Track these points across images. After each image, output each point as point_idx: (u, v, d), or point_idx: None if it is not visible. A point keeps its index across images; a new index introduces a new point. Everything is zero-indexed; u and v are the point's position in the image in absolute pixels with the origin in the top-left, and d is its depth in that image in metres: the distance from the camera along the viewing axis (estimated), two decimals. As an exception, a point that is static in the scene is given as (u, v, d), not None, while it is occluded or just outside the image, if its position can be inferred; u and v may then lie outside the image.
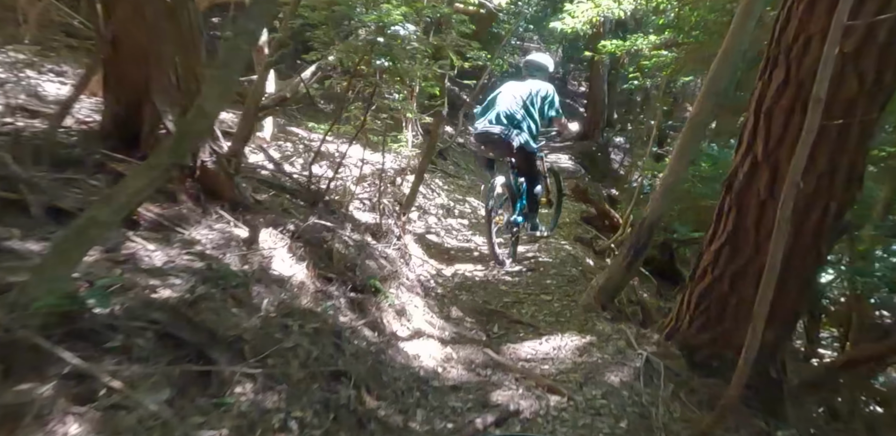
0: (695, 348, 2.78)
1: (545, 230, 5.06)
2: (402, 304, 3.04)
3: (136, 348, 1.48)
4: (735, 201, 2.70)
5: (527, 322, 3.41)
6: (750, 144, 2.62)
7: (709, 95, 3.53)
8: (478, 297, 3.82)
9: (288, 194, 3.37)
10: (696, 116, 3.58)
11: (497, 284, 4.11)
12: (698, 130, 3.63)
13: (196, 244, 2.15)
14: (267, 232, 2.57)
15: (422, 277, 3.79)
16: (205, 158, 2.50)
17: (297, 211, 3.11)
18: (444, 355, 2.78)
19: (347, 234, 3.30)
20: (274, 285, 2.28)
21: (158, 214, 2.12)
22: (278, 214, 2.85)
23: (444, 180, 7.35)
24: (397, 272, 3.37)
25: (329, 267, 2.79)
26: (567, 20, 4.93)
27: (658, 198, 3.72)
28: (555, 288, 4.05)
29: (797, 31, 2.33)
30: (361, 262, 3.06)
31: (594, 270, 4.98)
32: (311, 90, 3.87)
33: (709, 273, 2.79)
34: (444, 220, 5.79)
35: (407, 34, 2.94)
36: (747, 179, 2.64)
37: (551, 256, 4.93)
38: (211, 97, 1.45)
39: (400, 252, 3.69)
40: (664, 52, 4.86)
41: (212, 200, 2.52)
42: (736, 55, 3.45)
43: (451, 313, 3.38)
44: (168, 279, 1.84)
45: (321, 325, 2.21)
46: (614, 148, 13.84)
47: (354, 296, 2.72)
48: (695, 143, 3.67)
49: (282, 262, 2.49)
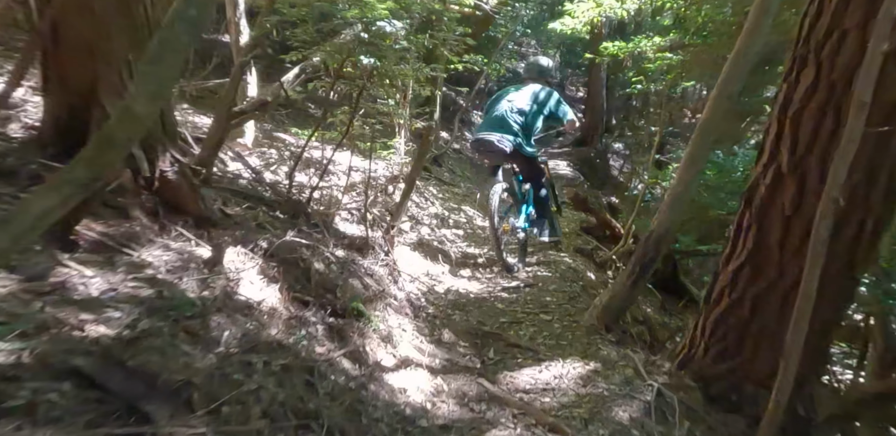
0: (711, 380, 2.51)
1: (555, 236, 4.91)
2: (389, 328, 2.76)
3: (44, 407, 1.20)
4: (756, 217, 2.44)
5: (525, 346, 3.13)
6: (773, 154, 2.36)
7: (721, 99, 3.28)
8: (472, 316, 3.54)
9: (265, 206, 3.10)
10: (706, 120, 3.33)
11: (493, 302, 3.83)
12: (709, 136, 3.37)
13: (146, 267, 1.87)
14: (235, 251, 2.30)
15: (412, 294, 3.51)
16: (165, 168, 2.23)
17: (273, 225, 2.84)
18: (434, 388, 2.49)
19: (330, 250, 3.03)
20: (238, 314, 2.00)
21: (103, 233, 1.85)
22: (251, 229, 2.57)
23: (438, 188, 7.08)
24: (384, 292, 3.09)
25: (306, 289, 2.51)
26: (566, 21, 4.68)
27: (666, 209, 3.46)
28: (555, 306, 3.78)
29: (830, 27, 2.07)
30: (344, 282, 2.78)
31: (596, 284, 4.72)
32: (294, 94, 3.60)
33: (726, 296, 2.52)
34: (438, 230, 5.52)
35: (394, 31, 2.69)
36: (770, 193, 2.38)
37: (551, 269, 4.66)
38: (141, 97, 1.18)
39: (388, 269, 3.42)
40: (668, 54, 4.61)
41: (172, 214, 2.25)
42: (750, 55, 3.20)
43: (442, 337, 3.10)
44: (104, 313, 1.56)
45: (291, 360, 1.94)
46: (613, 154, 13.62)
47: (334, 322, 2.44)
48: (705, 150, 3.41)
49: (250, 285, 2.22)
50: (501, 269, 4.45)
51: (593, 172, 11.76)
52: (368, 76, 3.24)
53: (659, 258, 3.48)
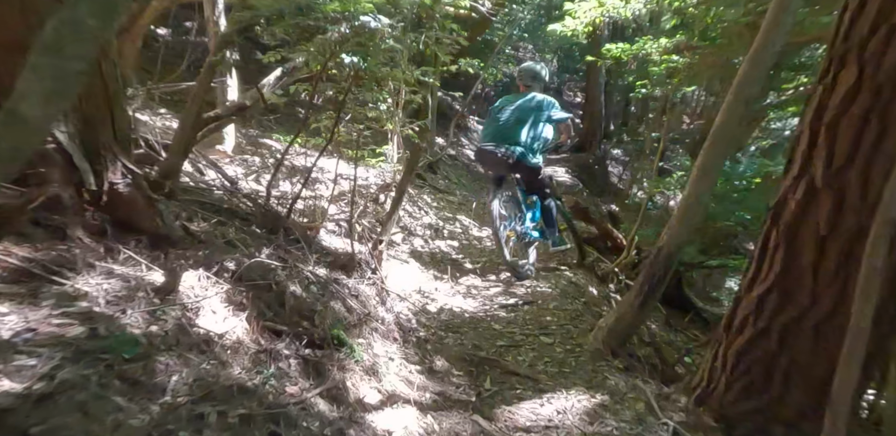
0: (735, 420, 2.23)
1: (564, 245, 4.75)
2: (374, 358, 2.48)
3: None
4: (785, 236, 2.17)
5: (525, 374, 2.85)
6: (805, 165, 2.10)
7: (737, 103, 3.02)
8: (467, 339, 3.26)
9: (239, 221, 2.82)
10: (720, 127, 3.07)
11: (490, 322, 3.55)
12: (724, 143, 3.11)
13: (81, 299, 1.59)
14: (195, 274, 2.02)
15: (402, 316, 3.23)
16: (115, 180, 1.95)
17: (246, 242, 2.55)
18: (424, 428, 2.21)
19: (310, 268, 2.75)
20: (193, 352, 1.72)
21: (27, 259, 1.56)
22: (218, 248, 2.29)
23: (432, 196, 6.81)
24: (370, 315, 2.82)
25: (280, 316, 2.23)
26: (567, 22, 4.43)
27: (676, 224, 3.19)
28: (556, 327, 3.50)
29: (876, 22, 1.81)
30: (324, 306, 2.50)
31: (598, 301, 4.44)
32: (276, 98, 3.32)
33: (750, 325, 2.25)
34: (432, 242, 5.24)
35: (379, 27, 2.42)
36: (801, 209, 2.11)
37: (550, 284, 4.38)
38: (32, 96, 0.91)
39: (375, 288, 3.14)
40: (675, 57, 4.36)
41: (123, 234, 1.96)
42: (769, 56, 2.94)
43: (434, 364, 2.81)
44: (14, 360, 1.28)
45: (255, 406, 1.65)
46: (612, 161, 13.38)
47: (310, 354, 2.16)
48: (719, 159, 3.15)
49: (212, 314, 1.94)
50: (511, 275, 4.38)
51: (592, 179, 11.53)
52: (354, 78, 2.97)
53: (669, 277, 3.21)
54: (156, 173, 2.39)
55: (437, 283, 4.26)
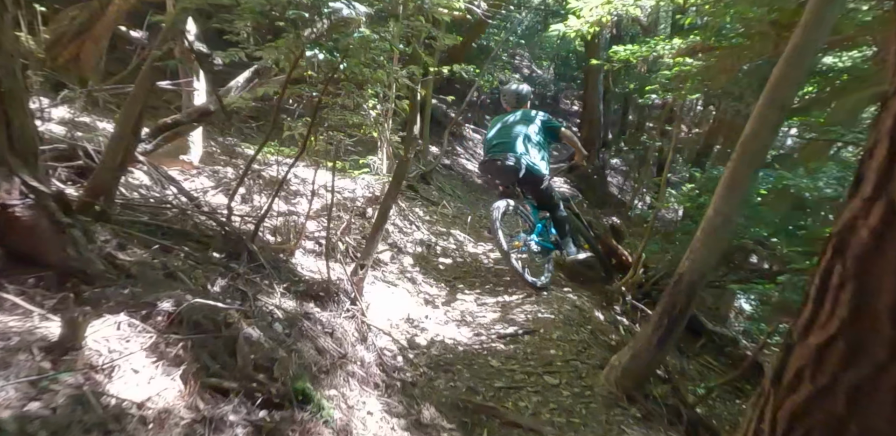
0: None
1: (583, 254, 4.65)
2: (348, 414, 2.05)
3: None
4: (854, 271, 1.73)
5: (528, 426, 2.42)
6: (881, 184, 1.67)
7: (771, 108, 2.62)
8: (461, 380, 2.82)
9: (193, 244, 2.39)
10: (752, 136, 2.67)
11: (487, 357, 3.12)
12: (756, 154, 2.72)
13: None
14: (114, 321, 1.59)
15: (385, 353, 2.79)
16: (10, 201, 1.52)
17: (195, 273, 2.13)
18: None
19: (274, 303, 2.33)
20: (95, 433, 1.29)
21: None
22: (152, 283, 1.86)
23: (425, 209, 6.39)
24: (346, 356, 2.39)
25: (228, 370, 1.80)
26: (571, 22, 4.05)
27: (700, 247, 2.79)
28: (561, 363, 3.07)
29: None
30: (288, 351, 2.07)
31: (606, 328, 4.02)
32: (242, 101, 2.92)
33: (807, 380, 1.80)
34: (423, 260, 4.82)
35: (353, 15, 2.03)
36: (877, 238, 1.67)
37: (552, 309, 3.95)
38: None
39: (355, 322, 2.71)
40: (688, 60, 3.98)
41: (20, 269, 1.54)
42: (809, 55, 2.56)
43: (422, 416, 2.38)
44: None
45: (170, 511, 1.22)
46: (611, 170, 13.00)
47: (265, 417, 1.72)
48: (751, 172, 2.75)
49: (133, 376, 1.50)
50: (524, 287, 4.25)
51: (591, 190, 11.13)
52: (329, 80, 2.56)
53: (692, 308, 2.80)
54: (83, 191, 1.97)
55: (428, 308, 3.84)
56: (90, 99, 3.11)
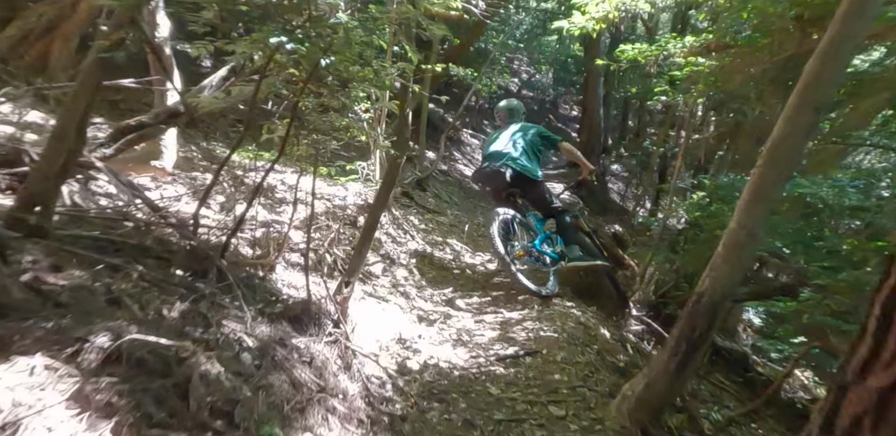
0: None
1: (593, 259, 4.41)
2: (322, 463, 1.76)
3: None
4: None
5: (532, 469, 2.13)
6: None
7: (803, 109, 2.35)
8: (456, 411, 2.52)
9: (151, 262, 2.10)
10: (782, 140, 2.40)
11: (485, 383, 2.83)
12: (786, 161, 2.44)
13: None
14: (25, 366, 1.29)
15: (373, 380, 2.50)
16: None
17: (145, 297, 1.84)
18: None
19: (243, 329, 2.03)
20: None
21: None
22: (87, 312, 1.56)
23: (420, 218, 6.11)
24: (326, 389, 2.09)
25: (178, 417, 1.51)
26: (576, 18, 3.78)
27: (721, 264, 2.50)
28: (567, 390, 2.78)
29: None
30: (254, 389, 1.78)
31: (613, 347, 3.73)
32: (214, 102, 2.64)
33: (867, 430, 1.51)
34: (418, 272, 4.53)
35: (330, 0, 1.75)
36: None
37: (555, 326, 3.66)
38: None
39: (338, 347, 2.42)
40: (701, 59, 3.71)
41: None
42: (848, 49, 2.29)
43: (410, 458, 2.09)
44: None
45: None
46: (612, 176, 12.74)
47: (218, 476, 1.43)
48: (780, 181, 2.47)
49: (46, 434, 1.21)
50: (528, 296, 4.10)
51: (592, 196, 10.84)
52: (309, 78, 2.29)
53: (713, 332, 2.52)
54: (14, 201, 1.68)
55: (422, 326, 3.55)
56: (38, 96, 2.83)
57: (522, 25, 11.90)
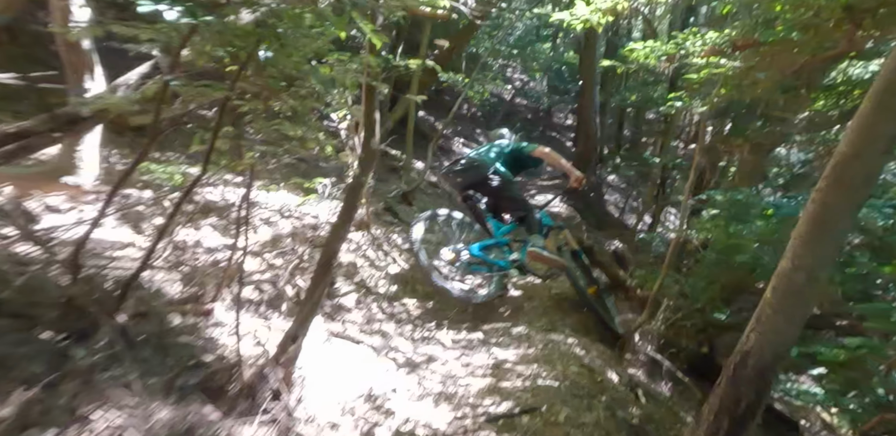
0: None
1: None
2: None
3: None
4: None
5: None
6: None
7: (882, 117, 1.82)
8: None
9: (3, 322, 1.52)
10: (853, 158, 1.86)
11: (472, 458, 2.25)
12: (858, 183, 1.89)
13: None
14: None
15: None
16: None
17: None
18: None
19: (130, 420, 1.45)
20: None
21: None
22: None
23: (403, 236, 5.52)
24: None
25: None
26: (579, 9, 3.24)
27: (772, 314, 1.95)
28: (576, 469, 2.21)
29: None
30: None
31: (625, 397, 3.16)
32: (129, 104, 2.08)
33: None
34: (395, 303, 3.95)
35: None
36: None
37: (555, 372, 3.08)
38: None
39: (276, 429, 1.83)
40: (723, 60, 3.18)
41: None
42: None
43: None
44: None
45: None
46: (608, 188, 12.22)
47: None
48: (851, 208, 1.92)
49: None
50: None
51: (588, 209, 10.31)
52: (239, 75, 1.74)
53: (763, 404, 1.96)
54: None
55: (399, 374, 2.97)
56: None
57: (516, 30, 11.39)
